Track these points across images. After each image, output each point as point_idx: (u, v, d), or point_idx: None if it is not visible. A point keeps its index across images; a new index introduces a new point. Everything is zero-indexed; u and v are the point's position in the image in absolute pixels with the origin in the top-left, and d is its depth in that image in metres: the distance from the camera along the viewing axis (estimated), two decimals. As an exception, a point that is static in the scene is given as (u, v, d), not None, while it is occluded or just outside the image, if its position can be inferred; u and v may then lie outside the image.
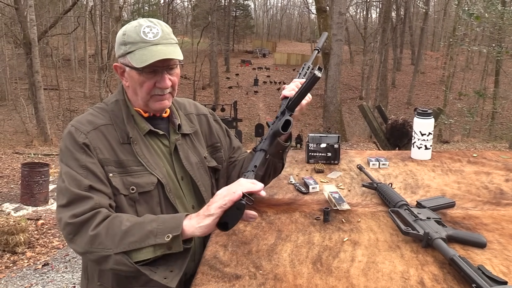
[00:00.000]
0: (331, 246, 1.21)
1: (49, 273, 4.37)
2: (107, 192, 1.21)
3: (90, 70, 26.48)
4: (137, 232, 1.09)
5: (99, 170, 1.22)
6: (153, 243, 1.07)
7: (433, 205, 1.38)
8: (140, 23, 1.26)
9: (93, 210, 1.14)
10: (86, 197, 1.16)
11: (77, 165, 1.20)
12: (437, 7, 39.38)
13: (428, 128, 1.96)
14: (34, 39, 14.31)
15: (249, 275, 1.09)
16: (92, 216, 1.13)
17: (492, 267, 1.08)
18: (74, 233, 1.14)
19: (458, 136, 15.06)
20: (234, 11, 44.13)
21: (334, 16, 14.12)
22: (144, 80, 1.25)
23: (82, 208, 1.14)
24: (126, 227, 1.10)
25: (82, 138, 1.23)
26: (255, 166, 1.22)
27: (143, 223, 1.11)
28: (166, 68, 1.26)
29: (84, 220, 1.13)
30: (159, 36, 1.25)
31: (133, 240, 1.08)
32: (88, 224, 1.13)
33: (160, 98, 1.29)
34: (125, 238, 1.08)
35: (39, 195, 6.39)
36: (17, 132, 17.64)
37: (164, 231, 1.07)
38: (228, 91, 31.25)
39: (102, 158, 1.23)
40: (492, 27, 10.54)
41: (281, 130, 1.28)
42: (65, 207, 1.16)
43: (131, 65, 1.24)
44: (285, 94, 1.41)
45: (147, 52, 1.22)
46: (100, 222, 1.13)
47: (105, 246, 1.10)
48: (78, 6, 21.25)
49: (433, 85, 30.78)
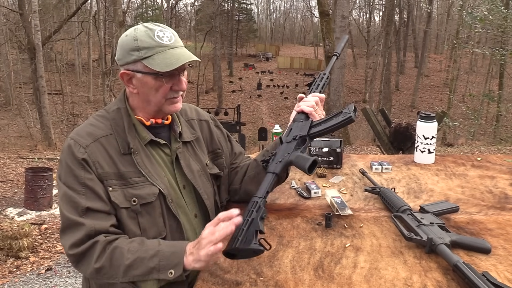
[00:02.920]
0: (333, 252, 1.20)
1: (52, 277, 4.37)
2: (106, 210, 1.21)
3: (94, 74, 26.62)
4: (140, 267, 1.13)
5: (99, 186, 1.22)
6: (156, 277, 1.13)
7: (436, 210, 1.37)
8: (150, 28, 1.25)
9: (90, 239, 1.17)
10: (80, 224, 1.18)
11: (76, 182, 1.21)
12: (441, 9, 39.36)
13: (431, 132, 1.94)
14: (38, 44, 14.39)
15: (249, 282, 1.08)
16: (91, 247, 1.16)
17: (497, 273, 1.06)
18: (77, 262, 1.19)
19: (462, 139, 14.98)
20: (237, 15, 44.30)
21: (337, 20, 14.12)
22: (160, 85, 1.25)
23: (78, 235, 1.17)
24: (129, 261, 1.13)
25: (81, 153, 1.22)
26: (267, 192, 1.22)
27: (145, 259, 1.13)
28: (182, 71, 1.28)
29: (84, 251, 1.16)
30: (173, 40, 1.26)
31: (137, 274, 1.13)
32: (89, 256, 1.16)
33: (175, 100, 1.31)
34: (129, 271, 1.13)
35: (42, 200, 6.40)
36: (21, 136, 17.73)
37: (166, 267, 1.11)
38: (232, 95, 31.31)
39: (102, 173, 1.23)
40: (496, 30, 10.51)
41: (308, 171, 1.23)
42: (63, 232, 1.21)
43: (147, 70, 1.23)
44: (303, 109, 1.38)
45: (169, 56, 1.23)
46: (100, 254, 1.15)
47: (110, 276, 1.15)
48: (82, 11, 21.41)
49: (437, 88, 30.71)
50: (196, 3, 41.86)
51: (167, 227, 1.27)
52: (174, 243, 1.18)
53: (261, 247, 1.08)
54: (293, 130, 1.37)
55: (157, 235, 1.25)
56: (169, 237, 1.27)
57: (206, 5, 36.12)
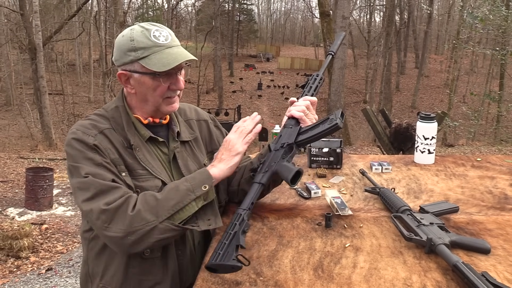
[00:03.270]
0: (332, 252, 1.20)
1: (53, 278, 4.37)
2: (128, 185, 1.22)
3: (94, 75, 26.65)
4: (174, 196, 1.17)
5: (114, 169, 1.22)
6: (193, 197, 1.18)
7: (436, 210, 1.37)
8: (146, 28, 1.25)
9: (123, 197, 1.16)
10: (114, 187, 1.17)
11: (93, 163, 1.19)
12: (441, 10, 39.34)
13: (431, 132, 1.94)
14: (39, 44, 14.40)
15: (249, 282, 1.08)
16: (126, 200, 1.16)
17: (497, 273, 1.07)
18: (110, 220, 1.13)
19: (463, 139, 14.97)
20: (237, 15, 44.33)
21: (338, 20, 14.12)
22: (158, 84, 1.25)
23: (113, 196, 1.15)
24: (162, 196, 1.17)
25: (91, 140, 1.22)
26: (252, 203, 1.21)
27: (177, 187, 1.19)
28: (179, 70, 1.28)
29: (119, 205, 1.15)
30: (170, 39, 1.27)
31: (174, 203, 1.16)
32: (124, 207, 1.15)
33: (172, 100, 1.31)
34: (166, 205, 1.15)
35: (43, 200, 6.41)
36: (22, 136, 17.74)
37: (199, 184, 1.19)
38: (232, 95, 31.33)
39: (114, 158, 1.23)
40: (497, 30, 10.51)
41: (290, 183, 1.21)
42: (93, 199, 1.16)
43: (144, 70, 1.23)
44: (293, 115, 1.35)
45: (165, 55, 1.23)
46: (135, 202, 1.16)
47: (147, 221, 1.13)
48: (83, 11, 21.43)
49: (438, 89, 30.70)
50: (196, 4, 41.93)
51: None
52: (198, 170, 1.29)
53: (239, 264, 1.06)
54: (282, 136, 1.34)
55: None
56: None
57: (206, 6, 36.14)
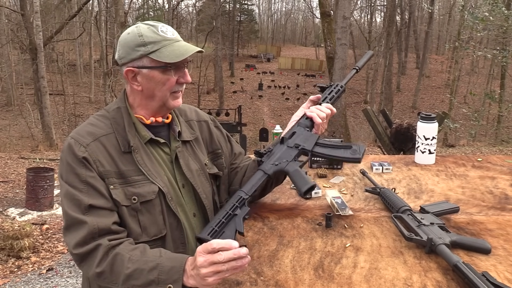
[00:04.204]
0: (333, 252, 1.20)
1: (53, 278, 4.37)
2: (108, 207, 1.21)
3: (95, 75, 26.67)
4: (139, 278, 1.13)
5: (100, 183, 1.22)
6: None
7: (436, 210, 1.37)
8: (152, 24, 1.29)
9: (93, 239, 1.17)
10: (82, 222, 1.18)
11: (78, 180, 1.21)
12: (442, 10, 39.33)
13: (431, 133, 1.94)
14: (40, 44, 14.42)
15: (250, 282, 1.08)
16: (94, 250, 1.16)
17: (497, 273, 1.07)
18: (80, 262, 1.20)
19: (463, 140, 14.95)
20: (238, 16, 44.34)
21: (339, 20, 14.11)
22: (168, 78, 1.27)
23: (81, 234, 1.17)
24: (129, 270, 1.13)
25: (81, 152, 1.23)
26: (255, 190, 1.22)
27: (144, 271, 1.12)
28: (186, 64, 1.31)
29: (87, 253, 1.17)
30: (176, 35, 1.31)
31: (136, 284, 1.13)
32: (91, 259, 1.16)
33: (178, 95, 1.33)
34: (129, 281, 1.13)
35: (44, 200, 6.41)
36: (23, 137, 17.76)
37: (166, 281, 1.10)
38: (233, 95, 31.33)
39: (103, 171, 1.23)
40: (497, 30, 10.50)
41: (303, 194, 1.22)
42: (66, 230, 1.21)
43: (154, 64, 1.25)
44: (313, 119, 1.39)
45: (176, 48, 1.26)
46: (102, 258, 1.15)
47: (111, 281, 1.15)
48: (84, 12, 21.44)
49: (438, 89, 30.69)
50: (197, 4, 41.98)
51: (167, 225, 1.27)
52: (174, 257, 1.15)
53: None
54: (296, 134, 1.36)
55: (157, 233, 1.26)
56: (169, 235, 1.28)
57: (207, 6, 36.15)
